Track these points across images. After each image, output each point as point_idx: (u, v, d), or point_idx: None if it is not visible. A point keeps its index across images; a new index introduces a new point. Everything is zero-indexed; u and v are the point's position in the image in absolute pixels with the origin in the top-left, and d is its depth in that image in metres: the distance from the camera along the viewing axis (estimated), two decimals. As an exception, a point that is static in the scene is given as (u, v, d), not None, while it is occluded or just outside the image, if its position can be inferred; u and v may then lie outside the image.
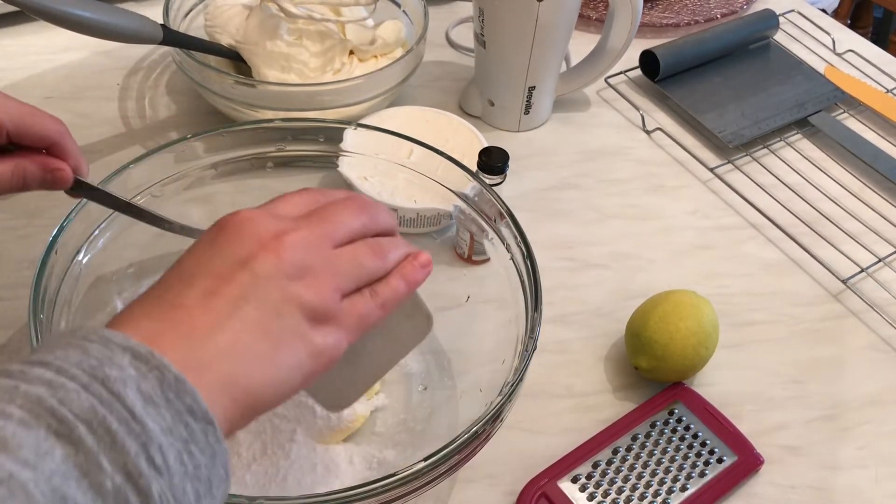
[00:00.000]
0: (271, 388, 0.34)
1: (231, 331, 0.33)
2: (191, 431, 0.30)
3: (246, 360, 0.33)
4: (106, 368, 0.29)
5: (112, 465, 0.27)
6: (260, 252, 0.35)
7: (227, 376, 0.33)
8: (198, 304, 0.34)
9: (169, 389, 0.30)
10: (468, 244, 0.65)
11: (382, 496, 0.42)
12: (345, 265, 0.38)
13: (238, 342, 0.33)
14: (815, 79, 0.92)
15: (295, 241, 0.36)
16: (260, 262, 0.35)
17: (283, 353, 0.35)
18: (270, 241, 0.36)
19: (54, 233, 0.50)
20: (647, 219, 0.76)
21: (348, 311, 0.37)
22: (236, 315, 0.34)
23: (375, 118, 0.73)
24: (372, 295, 0.39)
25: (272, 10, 0.75)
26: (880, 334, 0.68)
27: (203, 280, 0.34)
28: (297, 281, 0.35)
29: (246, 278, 0.35)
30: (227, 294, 0.34)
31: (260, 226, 0.36)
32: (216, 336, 0.33)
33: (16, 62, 0.85)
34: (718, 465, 0.57)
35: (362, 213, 0.40)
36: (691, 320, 0.59)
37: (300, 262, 0.36)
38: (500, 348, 0.53)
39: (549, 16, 0.74)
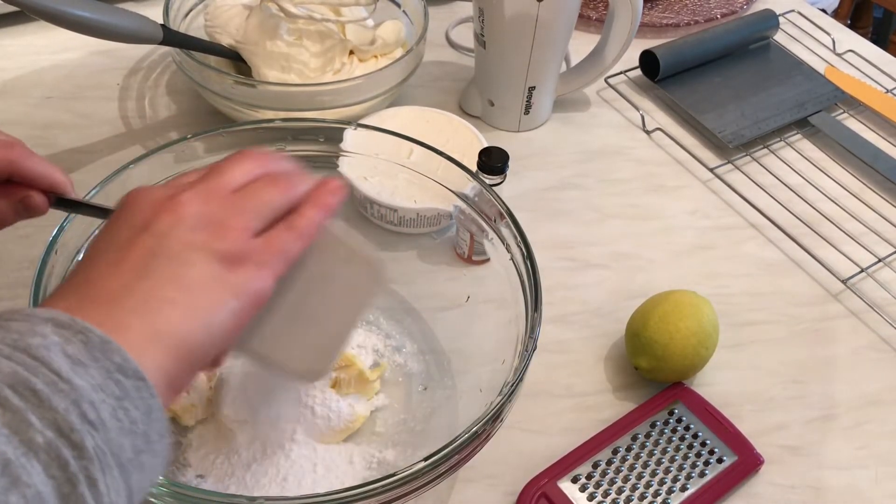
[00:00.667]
0: (200, 331, 0.35)
1: (143, 288, 0.34)
2: (123, 388, 0.30)
3: (164, 311, 0.34)
4: (28, 338, 0.29)
5: (41, 422, 0.28)
6: (158, 214, 0.36)
7: (149, 330, 0.33)
8: (106, 273, 0.34)
9: (95, 349, 0.30)
10: (468, 244, 0.65)
11: (382, 496, 0.42)
12: (247, 204, 0.38)
13: (151, 297, 0.34)
14: (815, 79, 0.92)
15: (189, 197, 0.37)
16: (159, 223, 0.36)
17: (201, 296, 0.35)
18: (166, 202, 0.37)
19: (54, 233, 0.50)
20: (647, 219, 0.76)
21: (263, 246, 0.37)
22: (146, 274, 0.34)
23: (375, 118, 0.73)
24: (286, 227, 0.39)
25: (272, 10, 0.75)
26: (880, 334, 0.68)
27: (107, 254, 0.35)
28: (201, 230, 0.36)
29: (148, 240, 0.35)
30: (132, 258, 0.35)
31: (154, 193, 0.37)
32: (130, 296, 0.34)
33: (16, 62, 0.85)
34: (718, 465, 0.57)
35: (254, 160, 0.40)
36: (691, 320, 0.59)
37: (200, 214, 0.36)
38: (500, 348, 0.53)
39: (549, 16, 0.74)
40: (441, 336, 0.61)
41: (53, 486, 0.27)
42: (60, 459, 0.28)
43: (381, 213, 0.67)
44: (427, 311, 0.63)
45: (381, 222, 0.68)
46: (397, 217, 0.67)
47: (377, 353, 0.60)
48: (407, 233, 0.68)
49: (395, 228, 0.68)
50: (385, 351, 0.60)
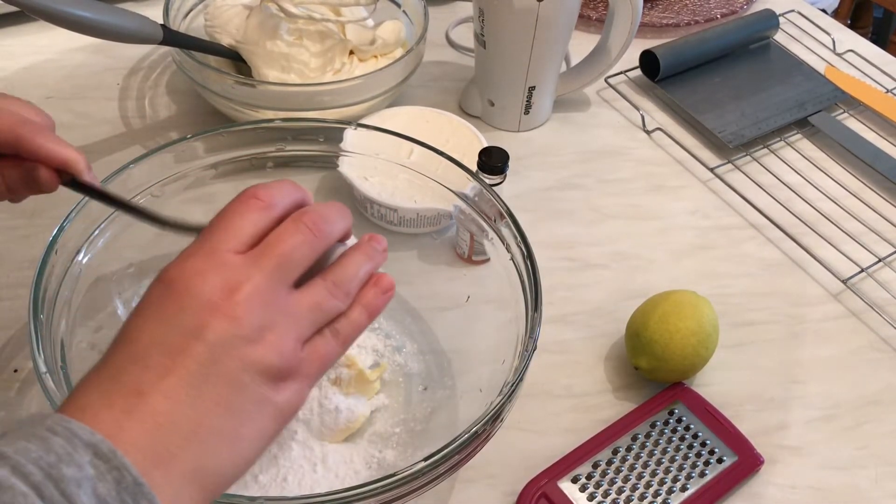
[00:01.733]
0: (239, 465, 0.33)
1: (194, 415, 0.32)
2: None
3: (212, 445, 0.32)
4: (63, 467, 0.28)
5: None
6: (212, 318, 0.33)
7: (194, 465, 0.32)
8: (155, 387, 0.32)
9: (126, 492, 0.29)
10: (468, 244, 0.65)
11: (382, 496, 0.42)
12: (304, 313, 0.35)
13: (202, 426, 0.32)
14: (815, 79, 0.92)
15: (249, 296, 0.33)
16: (213, 331, 0.32)
17: (248, 426, 0.33)
18: (222, 301, 0.33)
19: (54, 233, 0.50)
20: (647, 219, 0.76)
21: (309, 358, 0.35)
22: (197, 396, 0.32)
23: (375, 118, 0.73)
24: (333, 334, 0.36)
25: (272, 10, 0.75)
26: (880, 334, 0.68)
27: (157, 358, 0.32)
28: (256, 343, 0.33)
29: (202, 351, 0.32)
30: (183, 373, 0.32)
31: (208, 283, 0.33)
32: (179, 423, 0.32)
33: (16, 62, 0.85)
34: (718, 465, 0.57)
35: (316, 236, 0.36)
36: (691, 320, 0.59)
37: (257, 322, 0.33)
38: (500, 348, 0.53)
39: (549, 16, 0.74)
40: (441, 336, 0.61)
41: None
42: None
43: (381, 213, 0.67)
44: (427, 311, 0.63)
45: (381, 222, 0.68)
46: (397, 217, 0.67)
47: (377, 353, 0.60)
48: (407, 233, 0.68)
49: (395, 228, 0.68)
50: (385, 351, 0.60)
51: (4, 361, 0.59)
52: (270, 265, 0.34)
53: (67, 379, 0.47)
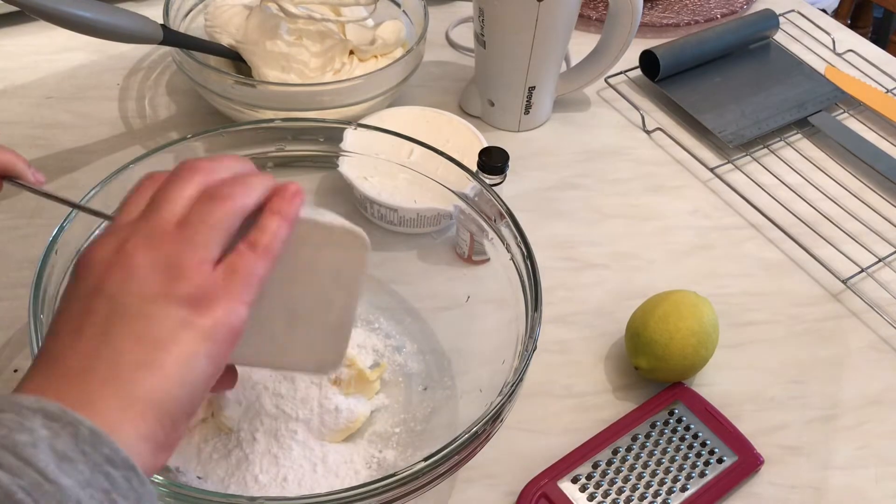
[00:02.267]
0: (178, 388, 0.33)
1: (109, 355, 0.33)
2: (112, 480, 0.30)
3: (136, 376, 0.33)
4: (16, 434, 0.29)
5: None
6: (108, 272, 0.34)
7: (125, 399, 0.32)
8: (70, 345, 0.33)
9: (84, 443, 0.30)
10: (468, 244, 0.65)
11: (382, 496, 0.42)
12: (197, 235, 0.35)
13: (120, 363, 0.33)
14: (815, 79, 0.92)
15: (136, 244, 0.35)
16: (110, 282, 0.34)
17: (171, 351, 0.33)
18: (114, 257, 0.35)
19: (54, 233, 0.50)
20: (647, 219, 0.76)
21: (227, 277, 0.35)
22: (107, 339, 0.33)
23: (375, 118, 0.73)
24: (248, 246, 0.36)
25: (272, 10, 0.75)
26: (880, 334, 0.68)
27: (67, 324, 0.34)
28: (155, 278, 0.34)
29: (102, 303, 0.34)
30: (91, 325, 0.34)
31: (101, 249, 0.35)
32: (98, 366, 0.33)
33: (16, 62, 0.85)
34: (718, 465, 0.57)
35: (193, 173, 0.37)
36: (691, 320, 0.59)
37: (150, 261, 0.34)
38: (500, 348, 0.53)
39: (549, 16, 0.74)
40: (441, 336, 0.61)
41: None
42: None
43: (381, 213, 0.67)
44: (427, 311, 0.63)
45: (381, 222, 0.68)
46: (397, 217, 0.67)
47: (377, 353, 0.60)
48: (407, 233, 0.68)
49: (395, 228, 0.68)
50: (385, 351, 0.60)
51: (4, 361, 0.59)
52: (153, 212, 0.36)
53: (67, 379, 0.47)
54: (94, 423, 0.30)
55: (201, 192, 0.37)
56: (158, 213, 0.36)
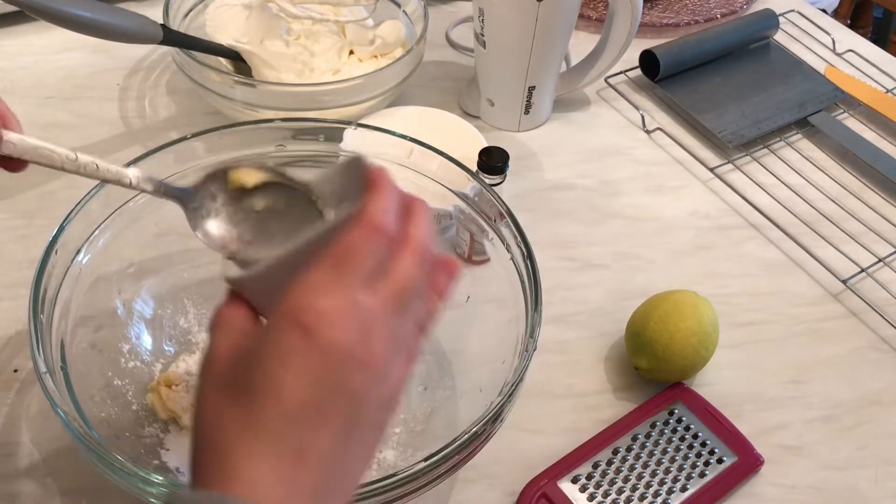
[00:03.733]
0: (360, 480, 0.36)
1: (342, 465, 0.34)
2: None
3: (352, 480, 0.35)
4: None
5: None
6: (355, 373, 0.33)
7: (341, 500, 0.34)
8: (312, 448, 0.33)
9: None
10: (468, 244, 0.65)
11: (382, 496, 0.42)
12: (409, 327, 0.36)
13: (348, 472, 0.34)
14: (815, 79, 0.92)
15: (380, 339, 0.34)
16: (356, 384, 0.33)
17: (372, 451, 0.36)
18: (361, 352, 0.33)
19: (54, 233, 0.50)
20: (647, 219, 0.76)
21: (408, 361, 0.37)
22: (346, 450, 0.34)
23: (375, 118, 0.73)
24: (420, 331, 0.38)
25: (272, 10, 0.75)
26: (880, 334, 0.68)
27: (308, 418, 0.33)
28: (385, 383, 0.34)
29: (345, 405, 0.33)
30: (330, 425, 0.33)
31: (346, 333, 0.33)
32: (333, 476, 0.33)
33: (16, 62, 0.85)
34: (718, 465, 0.57)
35: (423, 260, 0.37)
36: (691, 320, 0.59)
37: (386, 360, 0.34)
38: (500, 348, 0.53)
39: (549, 16, 0.74)
40: (441, 336, 0.61)
41: None
42: None
43: (381, 213, 0.67)
44: (427, 311, 0.62)
45: (381, 222, 0.68)
46: (397, 217, 0.67)
47: (377, 353, 0.60)
48: (407, 233, 0.68)
49: (395, 228, 0.68)
50: (385, 351, 0.60)
51: (4, 361, 0.59)
52: (394, 300, 0.35)
53: (67, 379, 0.47)
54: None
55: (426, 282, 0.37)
56: (399, 302, 0.35)
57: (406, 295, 0.35)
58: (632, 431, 0.58)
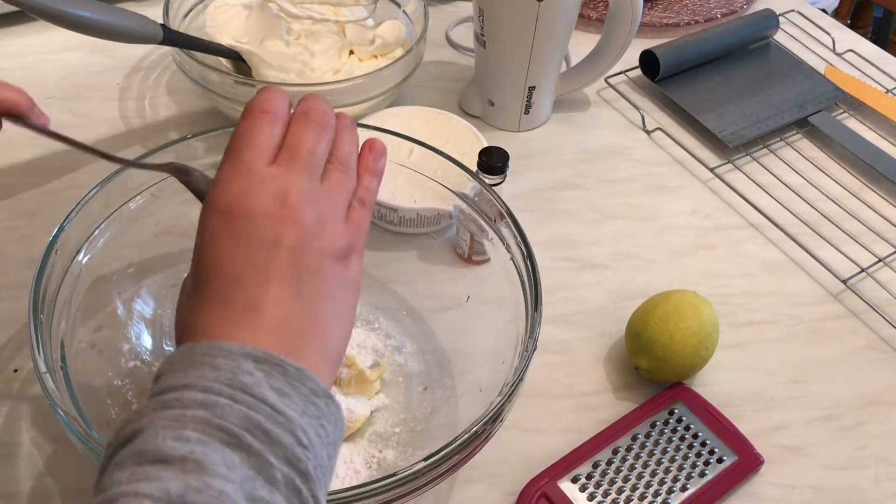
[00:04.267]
0: (346, 337, 0.39)
1: (302, 309, 0.36)
2: (318, 408, 0.34)
3: (327, 329, 0.37)
4: (240, 377, 0.32)
5: (277, 459, 0.31)
6: (281, 228, 0.37)
7: (320, 350, 0.36)
8: (264, 299, 0.36)
9: (293, 379, 0.33)
10: (468, 244, 0.65)
11: (382, 496, 0.42)
12: (336, 197, 0.40)
13: (312, 316, 0.37)
14: (815, 79, 0.92)
15: (298, 199, 0.37)
16: (287, 237, 0.37)
17: (343, 304, 0.38)
18: (280, 210, 0.37)
19: (54, 233, 0.50)
20: (647, 219, 0.76)
21: (356, 232, 0.40)
22: (298, 294, 0.36)
23: (375, 118, 0.73)
24: (359, 204, 0.41)
25: (272, 10, 0.75)
26: (880, 334, 0.68)
27: (252, 275, 0.36)
28: (321, 236, 0.38)
29: (285, 258, 0.36)
30: (280, 279, 0.36)
31: (261, 200, 0.37)
32: (294, 318, 0.36)
33: (16, 62, 0.85)
34: (718, 465, 0.57)
35: (321, 130, 0.41)
36: (691, 320, 0.59)
37: (314, 217, 0.38)
38: (500, 348, 0.52)
39: (549, 16, 0.74)
40: (441, 336, 0.61)
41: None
42: (296, 489, 0.31)
43: (381, 213, 0.67)
44: (427, 311, 0.63)
45: (381, 222, 0.68)
46: (397, 217, 0.67)
47: (377, 353, 0.60)
48: (407, 233, 0.68)
49: (395, 228, 0.68)
50: (385, 351, 0.60)
51: (4, 361, 0.59)
52: (302, 166, 0.39)
53: (67, 379, 0.47)
54: (297, 363, 0.34)
55: (332, 156, 0.41)
56: (308, 170, 0.39)
57: (310, 158, 0.39)
58: (632, 431, 0.58)
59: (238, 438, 0.31)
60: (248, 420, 0.31)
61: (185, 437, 0.30)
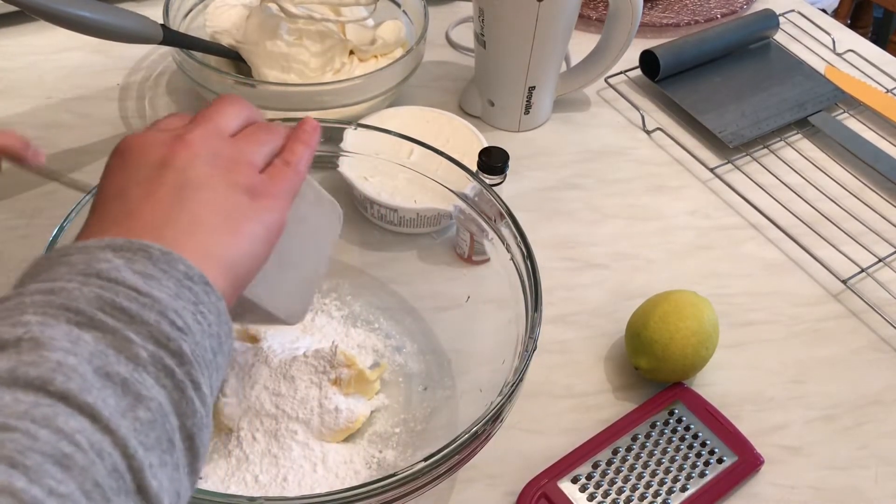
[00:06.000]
0: (246, 258, 0.36)
1: (185, 215, 0.35)
2: (195, 294, 0.32)
3: (213, 234, 0.35)
4: (94, 264, 0.30)
5: (139, 336, 0.29)
6: (172, 151, 0.36)
7: (202, 251, 0.34)
8: (141, 206, 0.34)
9: (160, 262, 0.31)
10: (468, 244, 0.65)
11: (382, 496, 0.42)
12: (248, 146, 0.39)
13: (196, 222, 0.35)
14: (815, 79, 0.92)
15: (196, 136, 0.37)
16: (176, 158, 0.36)
17: (241, 224, 0.36)
18: (175, 141, 0.37)
19: (54, 233, 0.50)
20: (647, 219, 0.76)
21: (271, 181, 0.39)
22: (181, 204, 0.35)
23: (375, 118, 0.73)
24: (284, 164, 0.40)
25: (272, 10, 0.75)
26: (880, 334, 0.68)
27: (135, 189, 0.35)
28: (217, 165, 0.37)
29: (171, 174, 0.36)
30: (163, 191, 0.35)
31: (158, 136, 0.37)
32: (176, 222, 0.34)
33: (16, 62, 0.85)
34: (718, 465, 0.57)
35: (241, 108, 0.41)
36: (692, 320, 0.59)
37: (211, 150, 0.37)
38: (500, 348, 0.53)
39: (549, 16, 0.74)
40: (441, 336, 0.61)
41: (166, 394, 0.29)
42: (166, 369, 0.29)
43: (381, 213, 0.67)
44: (427, 311, 0.63)
45: (381, 222, 0.68)
46: (397, 217, 0.67)
47: (377, 353, 0.60)
48: (407, 233, 0.68)
49: (395, 228, 0.68)
50: (385, 351, 0.60)
51: (4, 361, 0.59)
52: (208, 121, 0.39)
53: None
54: (161, 246, 0.32)
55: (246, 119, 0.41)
56: (212, 122, 0.39)
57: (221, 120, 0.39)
58: (632, 431, 0.58)
59: (89, 318, 0.28)
60: (99, 300, 0.29)
61: (22, 321, 0.28)
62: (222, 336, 0.33)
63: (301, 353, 0.55)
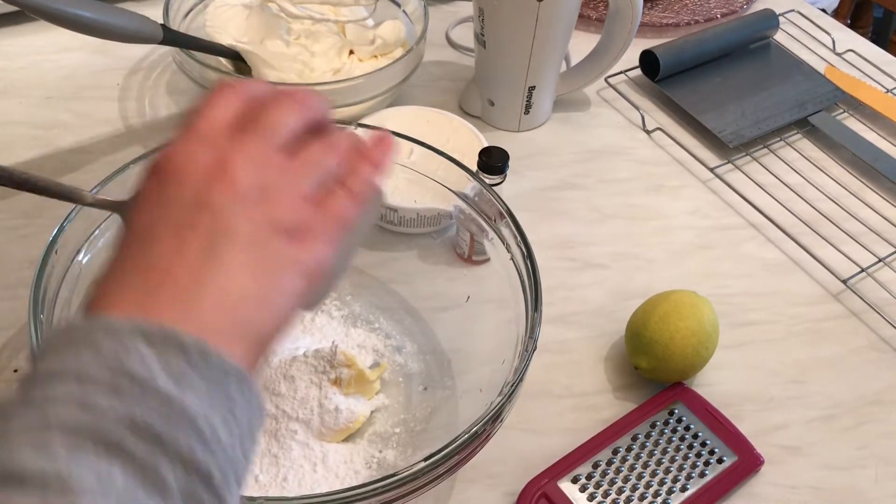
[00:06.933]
0: (275, 322, 0.32)
1: (216, 277, 0.31)
2: (228, 393, 0.29)
3: (245, 304, 0.31)
4: (124, 361, 0.28)
5: (170, 462, 0.27)
6: (210, 186, 0.32)
7: (231, 324, 0.31)
8: (170, 259, 0.31)
9: (193, 357, 0.29)
10: (468, 244, 0.65)
11: (382, 496, 0.42)
12: (301, 169, 0.34)
13: (227, 287, 0.31)
14: (815, 79, 0.92)
15: (241, 161, 0.33)
16: (214, 197, 0.32)
17: (276, 284, 0.32)
18: (216, 170, 0.32)
19: (54, 233, 0.50)
20: (647, 219, 0.76)
21: (323, 215, 0.34)
22: (214, 260, 0.31)
23: (375, 118, 0.73)
24: (345, 192, 0.35)
25: (272, 10, 0.75)
26: (880, 334, 0.68)
27: (163, 234, 0.31)
28: (261, 203, 0.32)
29: (207, 219, 0.31)
30: (195, 242, 0.31)
31: (199, 158, 0.33)
32: (205, 287, 0.31)
33: (16, 62, 0.85)
34: (718, 465, 0.57)
35: (298, 106, 0.36)
36: (691, 320, 0.59)
37: (255, 182, 0.32)
38: (500, 348, 0.53)
39: (549, 16, 0.74)
40: (441, 336, 0.61)
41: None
42: (195, 497, 0.27)
43: (381, 213, 0.67)
44: (427, 311, 0.63)
45: (381, 222, 0.68)
46: (397, 217, 0.67)
47: (377, 353, 0.60)
48: (407, 233, 0.68)
49: (395, 228, 0.68)
50: (385, 351, 0.60)
51: (4, 361, 0.59)
52: (257, 131, 0.34)
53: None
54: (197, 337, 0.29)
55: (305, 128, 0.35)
56: (262, 134, 0.34)
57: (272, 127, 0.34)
58: (632, 431, 0.58)
59: (117, 442, 0.26)
60: (130, 417, 0.27)
61: (48, 447, 0.26)
62: (256, 429, 0.31)
63: (301, 353, 0.55)
